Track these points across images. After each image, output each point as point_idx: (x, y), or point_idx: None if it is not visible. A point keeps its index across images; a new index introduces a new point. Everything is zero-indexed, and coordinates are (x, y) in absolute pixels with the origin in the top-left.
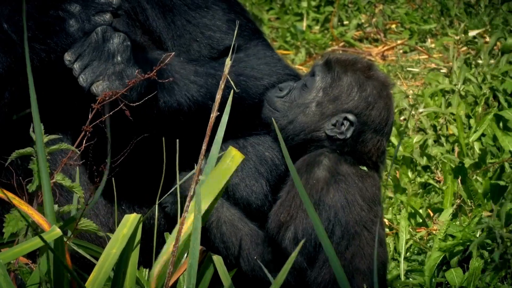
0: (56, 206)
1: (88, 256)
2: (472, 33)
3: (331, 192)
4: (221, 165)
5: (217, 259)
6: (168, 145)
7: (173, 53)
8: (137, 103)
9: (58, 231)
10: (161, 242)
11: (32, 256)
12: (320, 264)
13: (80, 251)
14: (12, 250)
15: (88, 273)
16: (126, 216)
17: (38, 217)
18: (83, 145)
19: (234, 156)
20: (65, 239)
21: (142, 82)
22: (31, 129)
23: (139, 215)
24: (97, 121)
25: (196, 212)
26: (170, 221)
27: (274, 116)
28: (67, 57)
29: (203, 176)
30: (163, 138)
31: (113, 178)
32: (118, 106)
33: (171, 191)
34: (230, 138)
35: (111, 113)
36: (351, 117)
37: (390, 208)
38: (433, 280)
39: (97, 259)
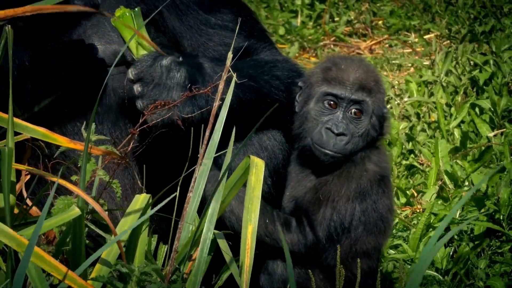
0: None
1: (102, 233)
2: (452, 28)
3: (375, 184)
4: (250, 176)
5: (219, 235)
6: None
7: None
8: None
9: (77, 211)
10: None
11: None
12: (336, 246)
13: (96, 229)
14: (34, 227)
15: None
16: (136, 196)
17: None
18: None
19: (257, 164)
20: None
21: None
22: (83, 127)
23: (149, 195)
24: (144, 126)
25: (214, 202)
26: None
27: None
28: (130, 75)
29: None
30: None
31: (135, 164)
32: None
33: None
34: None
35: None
36: (386, 110)
37: None
38: (417, 254)
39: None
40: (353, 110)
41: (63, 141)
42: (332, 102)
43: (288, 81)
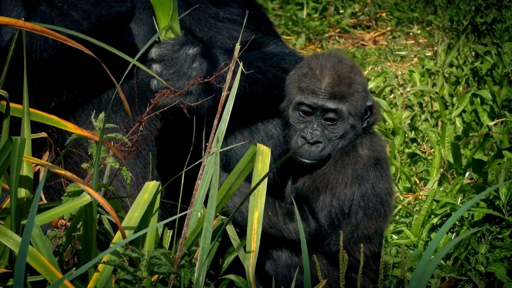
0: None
1: (113, 220)
2: (454, 19)
3: (371, 168)
4: (257, 163)
5: (226, 221)
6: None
7: (227, 62)
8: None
9: (88, 198)
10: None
11: None
12: (338, 232)
13: (107, 215)
14: (48, 213)
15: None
16: (146, 183)
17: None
18: (137, 134)
19: (263, 151)
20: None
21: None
22: (93, 116)
23: (158, 182)
24: (152, 114)
25: (213, 181)
26: None
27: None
28: (153, 54)
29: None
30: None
31: (149, 152)
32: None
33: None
34: (244, 117)
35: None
36: (369, 103)
37: None
38: (419, 239)
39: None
40: (327, 117)
41: (72, 128)
42: (306, 111)
43: None
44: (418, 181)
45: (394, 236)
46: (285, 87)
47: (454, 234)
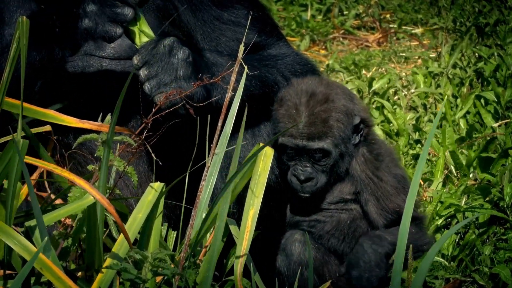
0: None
1: (117, 220)
2: (457, 21)
3: (397, 166)
4: (258, 163)
5: (231, 221)
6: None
7: (232, 62)
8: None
9: (91, 198)
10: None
11: None
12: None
13: (110, 216)
14: (51, 214)
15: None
16: (151, 184)
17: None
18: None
19: (266, 152)
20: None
21: (200, 91)
22: (99, 119)
23: (163, 183)
24: (156, 116)
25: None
26: None
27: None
28: (135, 60)
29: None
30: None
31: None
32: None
33: None
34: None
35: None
36: (357, 121)
37: None
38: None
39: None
40: (313, 155)
41: (71, 122)
42: (291, 153)
43: (296, 74)
44: (422, 182)
45: None
46: (272, 117)
47: (459, 235)
